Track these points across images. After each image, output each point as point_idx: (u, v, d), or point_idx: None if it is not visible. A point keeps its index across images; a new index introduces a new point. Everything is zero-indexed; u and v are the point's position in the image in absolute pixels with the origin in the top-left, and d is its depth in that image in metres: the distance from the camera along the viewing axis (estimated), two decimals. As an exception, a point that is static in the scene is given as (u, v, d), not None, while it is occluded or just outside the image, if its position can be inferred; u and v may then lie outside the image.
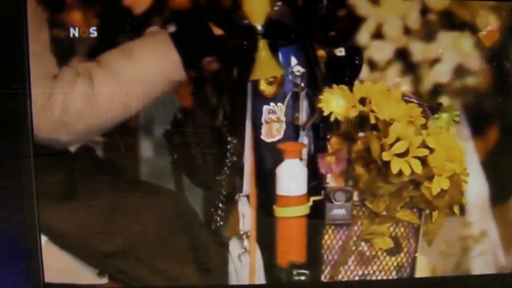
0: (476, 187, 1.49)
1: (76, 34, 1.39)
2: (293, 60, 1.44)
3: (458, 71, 1.44)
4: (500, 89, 1.49)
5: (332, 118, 1.41)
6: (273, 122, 1.46)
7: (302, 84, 1.44)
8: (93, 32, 1.39)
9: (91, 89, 1.39)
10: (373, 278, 1.51)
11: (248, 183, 1.51)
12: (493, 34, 1.55)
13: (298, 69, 1.43)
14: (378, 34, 1.44)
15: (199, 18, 1.43)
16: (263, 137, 1.47)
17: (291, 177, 1.46)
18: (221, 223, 1.52)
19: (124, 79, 1.39)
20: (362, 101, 1.41)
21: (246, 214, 1.52)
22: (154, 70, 1.41)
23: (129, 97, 1.39)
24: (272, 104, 1.45)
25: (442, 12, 1.44)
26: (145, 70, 1.41)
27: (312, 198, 1.46)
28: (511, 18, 1.52)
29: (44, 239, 1.46)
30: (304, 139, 1.47)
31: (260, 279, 1.53)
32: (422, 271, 1.54)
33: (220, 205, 1.52)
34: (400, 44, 1.44)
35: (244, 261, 1.53)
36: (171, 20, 1.41)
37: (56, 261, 1.47)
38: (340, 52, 1.45)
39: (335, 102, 1.40)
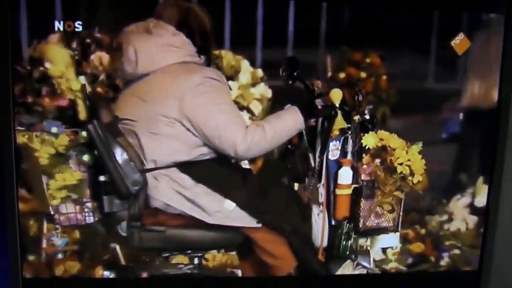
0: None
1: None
2: (347, 120, 2.49)
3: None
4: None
5: (367, 147, 2.49)
6: (335, 150, 2.50)
7: (350, 132, 2.49)
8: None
9: (263, 133, 2.33)
10: (382, 225, 2.60)
11: (324, 178, 2.50)
12: (465, 42, 2.28)
13: (348, 125, 2.50)
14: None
15: (309, 100, 2.59)
16: (330, 157, 2.51)
17: (345, 175, 2.49)
18: (311, 197, 2.54)
19: (277, 128, 2.36)
20: (381, 139, 2.47)
21: (322, 193, 2.51)
22: (291, 124, 2.38)
23: (280, 137, 2.41)
24: (334, 141, 2.50)
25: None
26: (288, 124, 2.37)
27: (353, 185, 2.51)
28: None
29: (233, 205, 2.38)
30: (350, 157, 2.54)
31: (326, 226, 2.49)
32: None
33: (310, 188, 2.55)
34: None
35: (320, 217, 2.51)
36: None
37: (238, 215, 2.41)
38: (367, 117, 2.54)
39: (369, 140, 2.56)
